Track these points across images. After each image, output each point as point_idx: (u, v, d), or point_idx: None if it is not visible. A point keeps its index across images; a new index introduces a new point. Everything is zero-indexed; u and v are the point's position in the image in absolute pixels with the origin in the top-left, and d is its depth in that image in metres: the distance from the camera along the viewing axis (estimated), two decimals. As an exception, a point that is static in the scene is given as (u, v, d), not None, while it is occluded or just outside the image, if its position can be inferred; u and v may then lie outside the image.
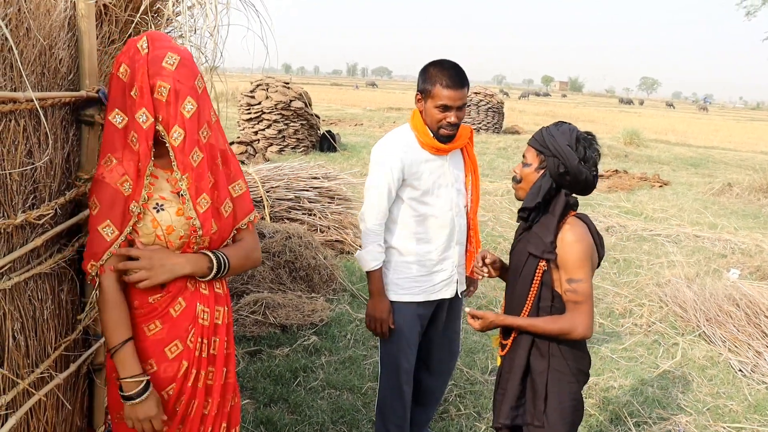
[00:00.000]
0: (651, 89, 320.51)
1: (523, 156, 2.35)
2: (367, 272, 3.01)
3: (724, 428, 3.93)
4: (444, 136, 2.87)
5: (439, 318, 3.21)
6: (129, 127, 1.84)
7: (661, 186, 13.45)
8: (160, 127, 1.82)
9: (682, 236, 8.76)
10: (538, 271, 2.26)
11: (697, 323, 5.51)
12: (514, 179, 2.37)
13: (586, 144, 2.23)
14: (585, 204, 10.58)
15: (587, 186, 2.24)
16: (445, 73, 2.77)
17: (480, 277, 2.60)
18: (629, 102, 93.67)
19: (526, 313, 2.31)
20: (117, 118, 1.84)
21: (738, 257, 7.70)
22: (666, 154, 20.36)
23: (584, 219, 2.30)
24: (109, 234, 1.85)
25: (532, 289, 2.29)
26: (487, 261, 2.52)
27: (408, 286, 3.03)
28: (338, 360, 4.52)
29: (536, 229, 2.27)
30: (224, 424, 2.12)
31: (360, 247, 3.07)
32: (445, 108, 2.79)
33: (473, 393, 4.17)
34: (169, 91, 1.79)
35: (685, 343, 5.22)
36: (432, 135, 2.89)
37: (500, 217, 9.38)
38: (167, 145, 1.84)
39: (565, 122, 2.29)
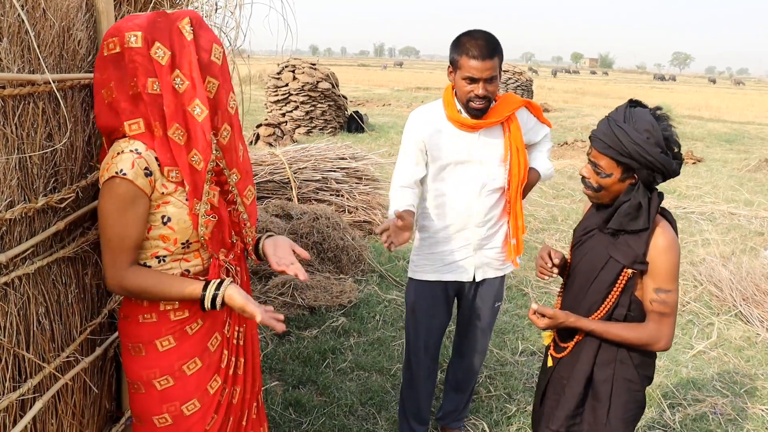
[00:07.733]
0: (683, 65, 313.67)
1: (595, 164, 2.07)
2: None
3: (762, 410, 3.84)
4: (474, 110, 2.71)
5: (463, 304, 3.16)
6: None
7: (694, 163, 13.16)
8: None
9: (716, 214, 8.56)
10: (621, 277, 2.05)
11: (733, 303, 5.38)
12: (590, 188, 2.10)
13: (669, 135, 1.96)
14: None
15: (674, 174, 2.03)
16: (473, 44, 2.63)
17: (547, 278, 2.32)
18: (662, 78, 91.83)
19: (597, 318, 2.11)
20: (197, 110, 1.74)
21: (776, 235, 7.51)
22: (699, 130, 19.91)
23: (668, 217, 2.09)
24: None
25: (610, 295, 2.08)
26: (555, 261, 2.25)
27: (420, 264, 3.02)
28: (367, 341, 4.50)
29: (627, 237, 2.05)
30: (255, 404, 2.15)
31: None
32: (472, 80, 2.65)
33: (503, 374, 4.12)
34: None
35: (721, 323, 5.10)
36: (459, 110, 2.79)
37: (529, 195, 9.25)
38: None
39: (636, 107, 2.03)
